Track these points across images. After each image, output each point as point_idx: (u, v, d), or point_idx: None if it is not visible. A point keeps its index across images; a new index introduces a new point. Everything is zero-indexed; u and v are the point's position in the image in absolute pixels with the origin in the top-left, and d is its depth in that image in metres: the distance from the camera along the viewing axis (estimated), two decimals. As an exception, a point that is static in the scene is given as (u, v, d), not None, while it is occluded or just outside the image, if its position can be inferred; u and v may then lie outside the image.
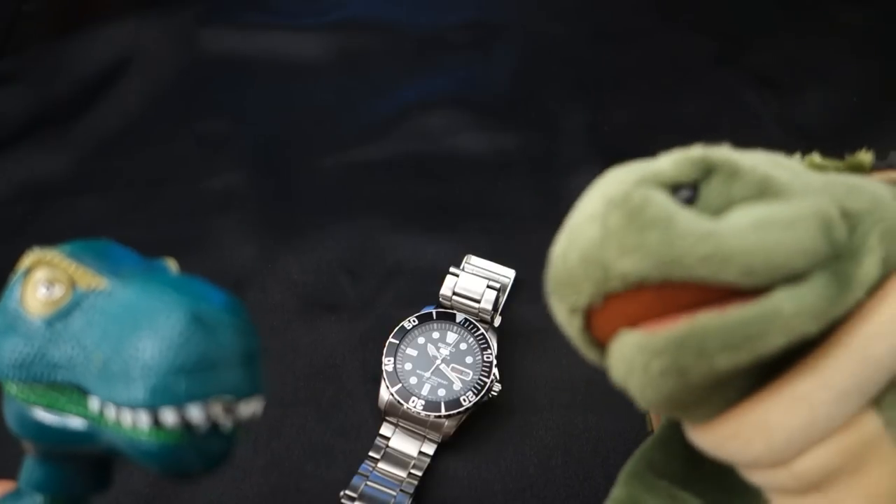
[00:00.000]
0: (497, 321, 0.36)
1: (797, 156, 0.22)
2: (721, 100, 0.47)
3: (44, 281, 0.18)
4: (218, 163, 0.45)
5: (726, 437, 0.19)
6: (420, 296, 0.38)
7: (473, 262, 0.37)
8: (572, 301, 0.19)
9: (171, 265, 0.20)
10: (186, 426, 0.16)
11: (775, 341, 0.17)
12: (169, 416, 0.16)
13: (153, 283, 0.17)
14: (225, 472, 0.33)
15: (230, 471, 0.33)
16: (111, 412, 0.17)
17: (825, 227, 0.18)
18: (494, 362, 0.34)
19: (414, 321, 0.35)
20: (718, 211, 0.18)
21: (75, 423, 0.18)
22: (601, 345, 0.20)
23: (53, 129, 0.46)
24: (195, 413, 0.16)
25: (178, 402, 0.16)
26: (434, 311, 0.35)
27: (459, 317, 0.35)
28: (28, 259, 0.19)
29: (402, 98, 0.48)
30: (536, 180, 0.43)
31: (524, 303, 0.37)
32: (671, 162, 0.19)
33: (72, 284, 0.18)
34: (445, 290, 0.36)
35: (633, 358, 0.18)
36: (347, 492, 0.32)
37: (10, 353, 0.18)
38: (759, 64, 0.49)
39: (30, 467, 0.20)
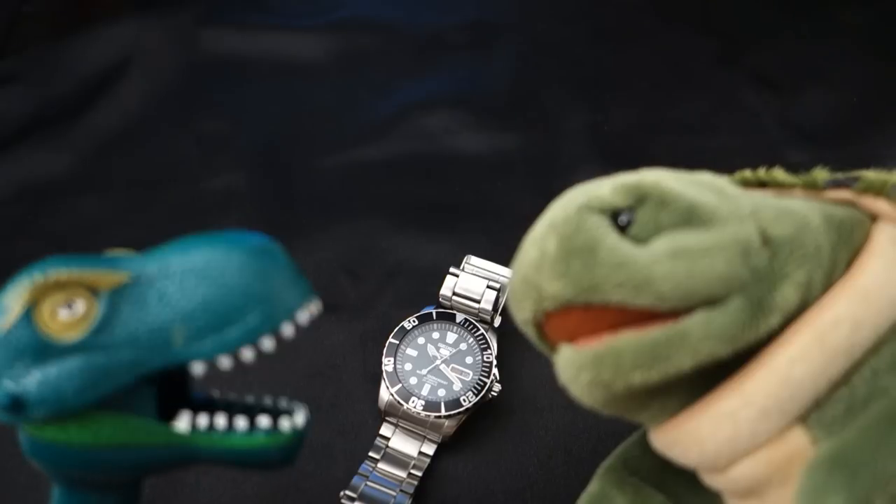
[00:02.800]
0: (497, 321, 0.36)
1: (761, 170, 0.23)
2: (721, 100, 0.47)
3: (62, 303, 0.17)
4: (218, 163, 0.45)
5: (669, 443, 0.21)
6: (420, 296, 0.38)
7: (473, 262, 0.37)
8: (520, 315, 0.22)
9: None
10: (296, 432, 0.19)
11: (683, 362, 0.18)
12: (268, 343, 0.18)
13: (185, 248, 0.18)
14: (225, 472, 0.33)
15: (230, 471, 0.33)
16: (221, 423, 0.18)
17: (744, 254, 0.18)
18: (494, 362, 0.34)
19: (414, 321, 0.35)
20: (650, 236, 0.19)
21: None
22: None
23: (53, 129, 0.46)
24: (302, 318, 0.19)
25: (282, 321, 0.18)
26: (434, 312, 0.35)
27: (459, 317, 0.35)
28: (21, 295, 0.17)
29: (402, 98, 0.47)
30: (536, 180, 0.43)
31: (524, 303, 0.37)
32: (610, 188, 0.20)
33: (93, 291, 0.17)
34: (445, 290, 0.36)
35: (567, 370, 0.20)
36: (347, 492, 0.32)
37: (67, 380, 0.17)
38: (759, 64, 0.48)
39: (61, 498, 0.20)
